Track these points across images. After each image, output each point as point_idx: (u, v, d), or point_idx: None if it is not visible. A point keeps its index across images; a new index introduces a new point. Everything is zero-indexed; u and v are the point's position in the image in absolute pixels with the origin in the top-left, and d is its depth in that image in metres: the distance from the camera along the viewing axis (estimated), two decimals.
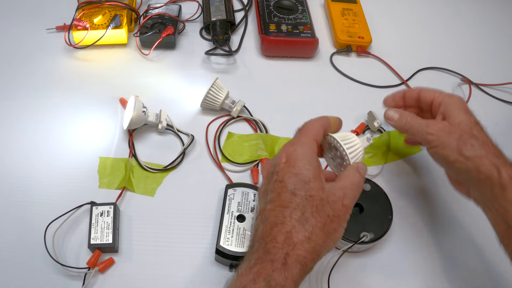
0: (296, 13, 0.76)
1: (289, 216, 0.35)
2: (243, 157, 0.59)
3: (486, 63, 0.78)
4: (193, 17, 0.77)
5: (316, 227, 0.35)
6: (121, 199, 0.54)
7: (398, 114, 0.51)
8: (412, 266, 0.51)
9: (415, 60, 0.76)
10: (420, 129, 0.48)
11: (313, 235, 0.35)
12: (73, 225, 0.51)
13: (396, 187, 0.58)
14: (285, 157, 0.39)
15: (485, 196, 0.43)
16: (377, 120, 0.62)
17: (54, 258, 0.47)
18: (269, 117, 0.64)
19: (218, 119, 0.63)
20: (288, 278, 0.33)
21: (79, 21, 0.67)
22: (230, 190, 0.53)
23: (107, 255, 0.49)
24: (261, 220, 0.37)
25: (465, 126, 0.46)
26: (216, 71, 0.71)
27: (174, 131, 0.61)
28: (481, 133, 0.46)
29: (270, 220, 0.36)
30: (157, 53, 0.72)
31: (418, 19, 0.85)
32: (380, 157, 0.61)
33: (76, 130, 0.61)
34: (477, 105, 0.70)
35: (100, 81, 0.67)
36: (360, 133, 0.62)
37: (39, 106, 0.63)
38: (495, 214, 0.42)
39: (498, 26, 0.86)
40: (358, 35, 0.75)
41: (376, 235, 0.49)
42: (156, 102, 0.64)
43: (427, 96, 0.52)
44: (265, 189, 0.39)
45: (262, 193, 0.40)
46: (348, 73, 0.73)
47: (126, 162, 0.57)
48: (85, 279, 0.46)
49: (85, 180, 0.55)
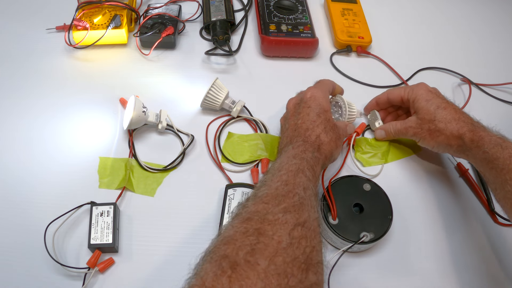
0: (296, 13, 0.76)
1: (317, 127, 0.51)
2: (243, 157, 0.59)
3: (486, 63, 0.78)
4: (193, 17, 0.77)
5: (332, 138, 0.51)
6: (121, 199, 0.54)
7: (383, 131, 0.61)
8: (412, 266, 0.51)
9: (415, 60, 0.76)
10: (405, 131, 0.58)
11: (331, 142, 0.51)
12: (73, 225, 0.51)
13: (396, 187, 0.58)
14: (310, 94, 0.54)
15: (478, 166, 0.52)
16: (378, 120, 0.63)
17: (54, 258, 0.47)
18: (269, 117, 0.64)
19: (218, 119, 0.63)
20: (320, 159, 0.48)
21: (79, 21, 0.67)
22: (230, 190, 0.53)
23: (107, 255, 0.49)
24: (292, 129, 0.52)
25: (427, 114, 0.55)
26: (216, 71, 0.71)
27: (174, 131, 0.61)
28: (444, 112, 0.54)
29: (303, 128, 0.51)
30: (157, 53, 0.72)
31: (418, 19, 0.85)
32: (380, 157, 0.61)
33: (76, 130, 0.61)
34: (477, 105, 0.70)
35: (100, 81, 0.67)
36: (360, 133, 0.62)
37: (39, 106, 0.63)
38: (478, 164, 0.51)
39: (498, 26, 0.86)
40: (358, 35, 0.75)
41: (376, 235, 0.49)
42: (156, 102, 0.64)
43: (395, 97, 0.60)
44: (294, 111, 0.54)
45: (293, 113, 0.54)
46: (348, 73, 0.73)
47: (126, 162, 0.57)
48: (85, 279, 0.46)
49: (85, 180, 0.55)
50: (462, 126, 0.52)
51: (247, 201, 0.41)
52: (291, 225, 0.36)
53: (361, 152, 0.61)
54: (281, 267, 0.33)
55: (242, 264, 0.32)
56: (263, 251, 0.34)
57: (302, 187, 0.41)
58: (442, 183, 0.59)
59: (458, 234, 0.54)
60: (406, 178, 0.60)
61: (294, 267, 0.33)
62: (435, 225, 0.55)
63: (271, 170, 0.46)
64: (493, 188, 0.49)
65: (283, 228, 0.36)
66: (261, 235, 0.35)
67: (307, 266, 0.34)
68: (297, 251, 0.34)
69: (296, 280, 0.33)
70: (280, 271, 0.32)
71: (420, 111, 0.56)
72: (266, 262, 0.33)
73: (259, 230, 0.36)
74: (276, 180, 0.42)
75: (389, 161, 0.61)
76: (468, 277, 0.51)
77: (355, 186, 0.54)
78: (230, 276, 0.31)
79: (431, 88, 0.57)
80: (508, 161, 0.45)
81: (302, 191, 0.41)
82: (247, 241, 0.35)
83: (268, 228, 0.36)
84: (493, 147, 0.47)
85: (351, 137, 0.60)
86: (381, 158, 0.61)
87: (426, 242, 0.53)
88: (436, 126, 0.54)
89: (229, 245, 0.35)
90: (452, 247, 0.53)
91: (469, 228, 0.55)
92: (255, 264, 0.32)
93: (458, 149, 0.53)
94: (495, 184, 0.47)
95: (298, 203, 0.39)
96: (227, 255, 0.34)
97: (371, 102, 0.64)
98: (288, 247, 0.34)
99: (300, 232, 0.36)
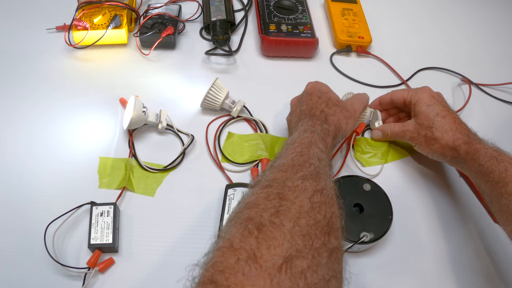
0: (296, 13, 0.76)
1: (319, 104, 0.53)
2: (243, 157, 0.59)
3: (486, 63, 0.78)
4: (193, 17, 0.77)
5: (336, 110, 0.53)
6: (121, 199, 0.54)
7: (380, 132, 0.62)
8: (412, 266, 0.51)
9: (415, 60, 0.76)
10: (402, 134, 0.58)
11: (336, 113, 0.52)
12: (73, 225, 0.51)
13: (396, 187, 0.58)
14: (310, 85, 0.57)
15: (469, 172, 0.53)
16: (378, 120, 0.63)
17: (54, 258, 0.47)
18: (269, 117, 0.64)
19: (218, 119, 0.63)
20: (330, 131, 0.49)
21: (79, 21, 0.67)
22: (230, 190, 0.53)
23: (107, 255, 0.49)
24: (298, 116, 0.54)
25: (425, 120, 0.55)
26: (216, 71, 0.71)
27: (174, 131, 0.61)
28: (442, 121, 0.54)
29: (307, 109, 0.53)
30: (157, 53, 0.72)
31: (418, 19, 0.85)
32: (380, 157, 0.61)
33: (76, 130, 0.61)
34: (477, 105, 0.70)
35: (100, 81, 0.67)
36: (360, 133, 0.62)
37: (38, 106, 0.63)
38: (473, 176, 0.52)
39: (498, 26, 0.86)
40: (358, 35, 0.75)
41: (376, 235, 0.49)
42: (156, 102, 0.64)
43: (398, 99, 0.60)
44: (298, 104, 0.56)
45: (296, 106, 0.56)
46: (348, 73, 0.73)
47: (126, 162, 0.57)
48: (85, 279, 0.46)
49: (85, 180, 0.55)
50: (458, 137, 0.52)
51: (264, 173, 0.42)
52: (310, 191, 0.37)
53: (361, 152, 0.61)
54: (305, 229, 0.33)
55: (268, 225, 0.33)
56: (286, 213, 0.34)
57: (316, 158, 0.42)
58: (442, 183, 0.59)
59: (458, 234, 0.54)
60: (406, 178, 0.60)
61: (317, 230, 0.34)
62: (435, 225, 0.55)
63: (284, 145, 0.47)
64: (488, 201, 0.49)
65: (303, 194, 0.37)
66: (282, 199, 0.36)
67: (329, 230, 0.35)
68: (319, 216, 0.35)
69: (320, 242, 0.33)
70: (304, 232, 0.33)
71: (420, 115, 0.56)
72: (290, 223, 0.33)
73: (280, 195, 0.36)
74: (290, 152, 0.43)
75: (389, 161, 0.61)
76: (468, 277, 0.51)
77: (355, 186, 0.54)
78: (257, 236, 0.32)
79: (435, 94, 0.57)
80: (503, 175, 0.45)
81: (317, 161, 0.42)
82: (270, 204, 0.35)
83: (289, 194, 0.36)
84: (489, 160, 0.47)
85: (350, 137, 0.60)
86: (381, 158, 0.61)
87: (426, 242, 0.53)
88: (433, 133, 0.54)
89: (253, 209, 0.35)
90: (452, 247, 0.53)
91: (469, 228, 0.55)
92: (280, 225, 0.33)
93: (452, 160, 0.53)
94: (491, 197, 0.47)
95: (315, 172, 0.40)
96: (252, 218, 0.34)
97: (374, 102, 0.64)
98: (310, 211, 0.35)
99: (320, 198, 0.37)
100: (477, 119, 0.67)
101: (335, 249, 0.34)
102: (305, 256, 0.31)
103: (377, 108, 0.64)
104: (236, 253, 0.31)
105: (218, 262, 0.31)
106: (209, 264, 0.31)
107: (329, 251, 0.33)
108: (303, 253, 0.31)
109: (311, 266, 0.31)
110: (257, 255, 0.30)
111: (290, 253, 0.31)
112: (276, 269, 0.30)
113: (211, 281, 0.30)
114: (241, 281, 0.29)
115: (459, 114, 0.67)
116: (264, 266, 0.30)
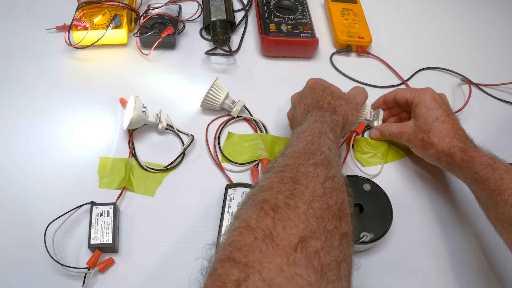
0: (296, 13, 0.76)
1: (325, 97, 0.53)
2: (243, 157, 0.59)
3: (486, 63, 0.78)
4: (193, 17, 0.77)
5: (342, 103, 0.53)
6: (121, 199, 0.54)
7: (378, 131, 0.62)
8: (412, 266, 0.51)
9: (415, 60, 0.76)
10: (399, 135, 0.58)
11: (342, 105, 0.53)
12: (73, 225, 0.51)
13: (396, 187, 0.58)
14: (311, 81, 0.57)
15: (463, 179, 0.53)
16: (378, 120, 0.63)
17: (54, 258, 0.47)
18: (269, 117, 0.64)
19: (218, 119, 0.63)
20: (338, 122, 0.50)
21: (79, 21, 0.67)
22: (230, 190, 0.53)
23: (107, 255, 0.49)
24: (304, 109, 0.54)
25: (424, 124, 0.55)
26: (216, 71, 0.71)
27: (174, 131, 0.61)
28: (441, 126, 0.53)
29: (313, 102, 0.53)
30: (157, 53, 0.72)
31: (418, 19, 0.85)
32: (380, 157, 0.61)
33: (76, 130, 0.61)
34: (477, 105, 0.70)
35: (100, 81, 0.67)
36: (360, 133, 0.62)
37: (39, 106, 0.63)
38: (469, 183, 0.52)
39: (498, 26, 0.86)
40: (358, 35, 0.75)
41: (376, 235, 0.49)
42: (156, 102, 0.64)
43: (401, 97, 0.60)
44: (300, 99, 0.56)
45: (299, 101, 0.56)
46: (348, 73, 0.73)
47: (126, 162, 0.57)
48: (85, 279, 0.46)
49: (85, 180, 0.55)
50: (455, 144, 0.52)
51: (276, 159, 0.43)
52: (322, 177, 0.38)
53: (361, 152, 0.61)
54: (318, 211, 0.34)
55: (283, 206, 0.34)
56: (301, 196, 0.35)
57: (327, 147, 0.43)
58: (443, 183, 0.59)
59: (458, 233, 0.54)
60: (406, 178, 0.60)
61: (330, 214, 0.35)
62: (435, 225, 0.55)
63: (294, 134, 0.48)
64: (484, 208, 0.49)
65: (316, 179, 0.37)
66: (296, 183, 0.37)
67: (340, 215, 0.36)
68: (331, 201, 0.36)
69: (332, 225, 0.34)
70: (318, 215, 0.34)
71: (419, 118, 0.56)
72: (305, 206, 0.34)
73: (294, 179, 0.37)
74: (301, 140, 0.44)
75: (389, 161, 0.61)
76: (468, 277, 0.51)
77: (355, 186, 0.53)
78: (273, 217, 0.33)
79: (437, 96, 0.56)
80: (499, 183, 0.45)
81: (328, 150, 0.43)
82: (284, 187, 0.36)
83: (302, 179, 0.37)
84: (484, 168, 0.47)
85: (350, 137, 0.60)
86: (381, 158, 0.61)
87: (426, 242, 0.53)
88: (429, 138, 0.54)
89: (267, 191, 0.36)
90: (452, 247, 0.53)
91: (469, 228, 0.55)
92: (295, 207, 0.34)
93: (447, 166, 0.53)
94: (487, 204, 0.47)
95: (326, 160, 0.41)
96: (267, 200, 0.35)
97: (378, 100, 0.64)
98: (323, 195, 0.36)
99: (331, 185, 0.38)
100: (477, 119, 0.67)
101: (346, 233, 0.35)
102: (319, 237, 0.32)
103: (381, 107, 0.64)
104: (253, 232, 0.32)
105: (235, 241, 0.32)
106: (227, 243, 0.32)
107: (341, 235, 0.34)
108: (317, 234, 0.32)
109: (324, 248, 0.32)
110: (274, 234, 0.31)
111: (305, 233, 0.32)
112: (292, 248, 0.30)
113: (229, 258, 0.30)
114: (258, 258, 0.30)
115: (459, 114, 0.67)
116: (281, 244, 0.31)
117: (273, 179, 0.38)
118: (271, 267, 0.29)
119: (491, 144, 0.53)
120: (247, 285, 0.28)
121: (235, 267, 0.29)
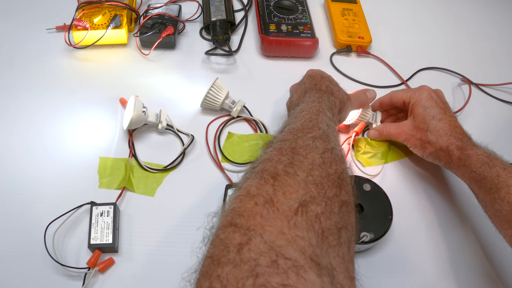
0: (296, 13, 0.76)
1: (324, 82, 0.54)
2: (243, 157, 0.59)
3: (486, 63, 0.78)
4: (193, 17, 0.77)
5: (340, 89, 0.55)
6: (121, 199, 0.54)
7: (377, 131, 0.62)
8: (412, 266, 0.51)
9: (415, 60, 0.76)
10: (397, 135, 0.58)
11: (340, 91, 0.54)
12: (73, 225, 0.51)
13: (396, 187, 0.58)
14: (310, 71, 0.58)
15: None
16: (377, 122, 0.63)
17: (54, 258, 0.47)
18: (269, 117, 0.64)
19: (218, 119, 0.63)
20: (336, 103, 0.51)
21: (79, 21, 0.67)
22: (230, 190, 0.53)
23: (107, 255, 0.49)
24: (302, 93, 0.54)
25: (421, 123, 0.55)
26: (216, 71, 0.71)
27: (174, 131, 0.61)
28: (438, 124, 0.53)
29: (312, 85, 0.54)
30: (157, 53, 0.72)
31: (418, 19, 0.85)
32: (380, 157, 0.61)
33: (76, 130, 0.61)
34: (477, 105, 0.70)
35: (100, 81, 0.67)
36: (360, 133, 0.62)
37: (39, 106, 0.63)
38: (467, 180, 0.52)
39: (498, 26, 0.86)
40: (358, 35, 0.75)
41: (376, 235, 0.49)
42: (156, 102, 0.64)
43: (397, 100, 0.60)
44: (298, 87, 0.57)
45: (297, 89, 0.57)
46: (348, 73, 0.73)
47: (126, 162, 0.57)
48: (85, 279, 0.46)
49: (85, 180, 0.55)
50: (452, 142, 0.52)
51: (274, 136, 0.44)
52: (321, 149, 0.39)
53: (361, 152, 0.61)
54: (318, 179, 0.35)
55: (282, 174, 0.35)
56: (300, 165, 0.36)
57: (325, 123, 0.44)
58: (442, 183, 0.59)
59: (458, 233, 0.54)
60: (406, 178, 0.60)
61: (329, 182, 0.35)
62: (435, 225, 0.55)
63: (292, 114, 0.49)
64: (483, 205, 0.49)
65: (314, 151, 0.38)
66: (295, 154, 0.37)
67: (340, 184, 0.36)
68: (330, 170, 0.37)
69: (332, 192, 0.35)
70: (317, 182, 0.35)
71: (416, 117, 0.56)
72: (304, 173, 0.35)
73: (293, 150, 0.38)
74: (299, 118, 0.45)
75: (389, 161, 0.61)
76: (468, 276, 0.51)
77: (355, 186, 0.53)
78: (273, 184, 0.33)
79: (433, 93, 0.56)
80: (496, 180, 0.45)
81: (326, 126, 0.44)
82: (284, 158, 0.37)
83: (300, 150, 0.38)
84: (480, 166, 0.48)
85: (350, 137, 0.60)
86: (381, 158, 0.61)
87: (426, 242, 0.53)
88: (427, 137, 0.54)
89: (267, 162, 0.37)
90: (452, 246, 0.53)
91: (469, 228, 0.55)
92: (294, 175, 0.35)
93: (446, 164, 0.54)
94: (485, 202, 0.48)
95: (324, 134, 0.42)
96: (267, 169, 0.36)
97: (374, 104, 0.64)
98: (322, 164, 0.37)
99: (330, 156, 0.38)
100: (477, 119, 0.67)
101: (346, 202, 0.35)
102: (319, 202, 0.33)
103: (377, 109, 0.64)
104: (254, 198, 0.32)
105: (236, 208, 0.32)
106: (228, 210, 0.33)
107: (341, 202, 0.35)
108: (317, 200, 0.33)
109: (324, 213, 0.32)
110: (274, 199, 0.32)
111: (304, 198, 0.32)
112: (292, 211, 0.31)
113: (231, 224, 0.31)
114: (259, 222, 0.30)
115: (459, 114, 0.67)
116: (281, 209, 0.31)
117: (272, 152, 0.38)
118: (272, 230, 0.29)
119: (491, 144, 0.53)
120: (250, 248, 0.28)
121: (237, 232, 0.30)
